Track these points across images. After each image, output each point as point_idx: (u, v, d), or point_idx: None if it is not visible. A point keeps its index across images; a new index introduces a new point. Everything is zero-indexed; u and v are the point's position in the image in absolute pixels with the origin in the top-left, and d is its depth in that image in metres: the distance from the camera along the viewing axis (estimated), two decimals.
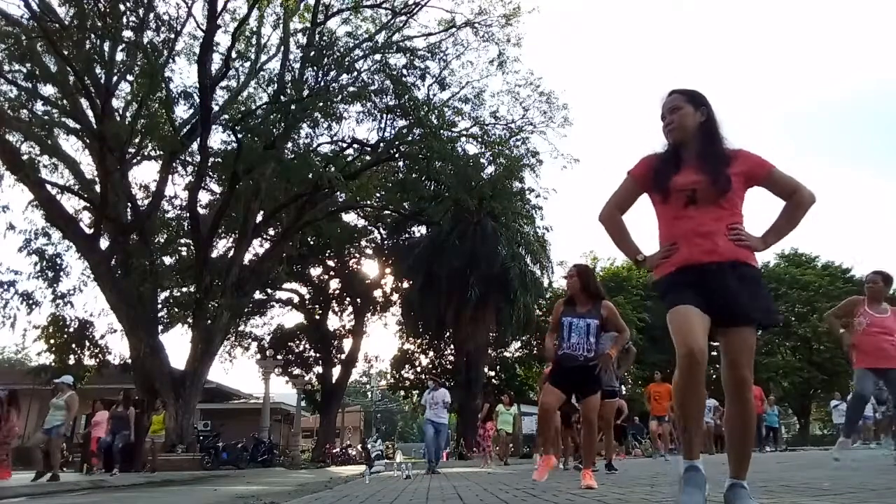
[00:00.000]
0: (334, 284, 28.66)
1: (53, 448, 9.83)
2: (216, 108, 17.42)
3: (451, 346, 27.55)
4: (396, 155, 20.69)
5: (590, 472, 4.24)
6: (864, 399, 5.92)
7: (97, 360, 17.29)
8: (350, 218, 25.69)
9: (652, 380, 13.03)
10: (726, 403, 2.29)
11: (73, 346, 16.96)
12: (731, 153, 2.40)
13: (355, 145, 20.44)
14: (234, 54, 17.60)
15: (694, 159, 2.40)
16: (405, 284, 26.95)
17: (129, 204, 17.11)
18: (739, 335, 2.23)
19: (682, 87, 2.53)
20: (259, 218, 19.17)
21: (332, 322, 28.61)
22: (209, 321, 16.74)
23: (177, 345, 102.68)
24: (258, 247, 21.70)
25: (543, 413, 4.92)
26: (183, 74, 70.82)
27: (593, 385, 4.62)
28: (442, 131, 19.22)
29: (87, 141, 16.59)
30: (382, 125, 19.74)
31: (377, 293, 28.37)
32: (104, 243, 16.83)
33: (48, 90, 16.55)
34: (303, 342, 28.64)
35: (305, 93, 17.40)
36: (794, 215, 2.39)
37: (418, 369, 30.89)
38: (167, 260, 19.01)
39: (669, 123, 2.46)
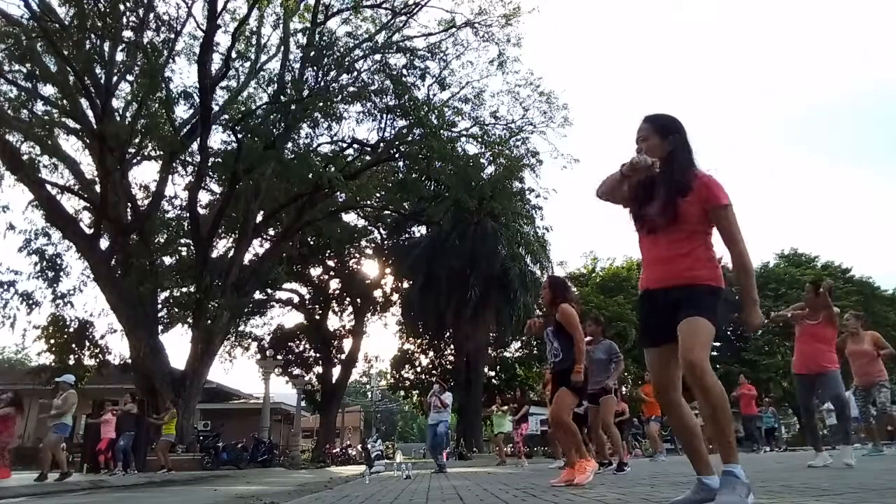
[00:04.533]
0: (334, 284, 28.70)
1: (49, 448, 9.79)
2: (216, 108, 17.42)
3: (451, 346, 27.56)
4: (396, 155, 20.70)
5: (570, 469, 4.37)
6: (804, 409, 6.11)
7: (97, 360, 17.29)
8: (350, 218, 25.74)
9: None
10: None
11: (73, 346, 16.96)
12: (692, 181, 2.41)
13: (355, 145, 20.47)
14: (234, 54, 17.63)
15: (660, 188, 2.48)
16: (405, 284, 26.96)
17: (129, 204, 17.12)
18: (684, 325, 2.28)
19: (653, 115, 2.57)
20: (259, 218, 19.18)
21: (332, 322, 28.67)
22: (209, 321, 16.74)
23: (177, 345, 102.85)
24: (258, 247, 21.74)
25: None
26: (183, 74, 71.29)
27: (562, 386, 4.71)
28: (442, 131, 19.23)
29: (87, 141, 16.59)
30: (382, 125, 19.80)
31: (377, 293, 28.39)
32: (104, 243, 16.84)
33: (48, 90, 16.57)
34: (303, 342, 28.64)
35: (305, 93, 17.41)
36: (741, 282, 2.42)
37: (418, 369, 30.90)
38: (167, 260, 19.00)
39: (638, 153, 2.49)
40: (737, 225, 2.40)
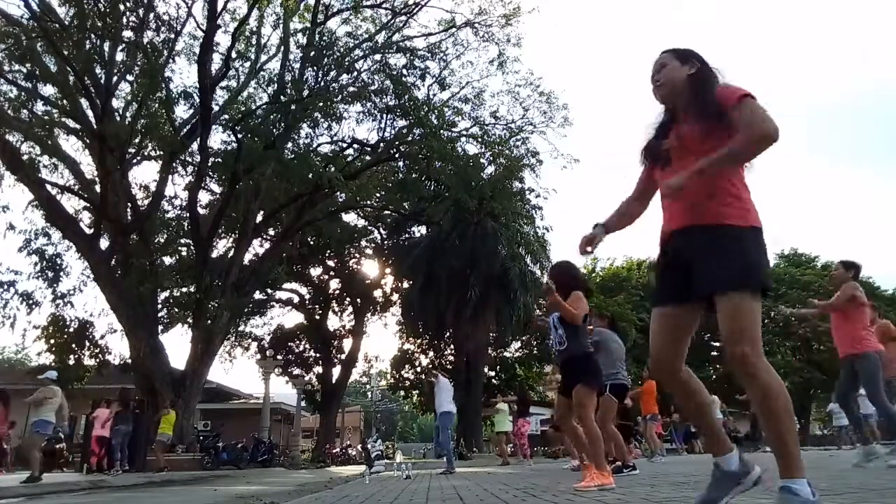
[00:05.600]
0: (334, 284, 28.69)
1: (30, 447, 9.69)
2: (216, 108, 17.42)
3: (451, 346, 27.55)
4: (396, 155, 20.70)
5: (592, 473, 3.99)
6: (842, 404, 5.75)
7: (97, 360, 17.29)
8: (350, 218, 25.73)
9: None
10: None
11: (73, 346, 16.96)
12: (720, 95, 2.05)
13: (355, 145, 20.47)
14: (234, 54, 17.63)
15: (683, 115, 2.17)
16: (405, 284, 26.94)
17: (129, 204, 17.12)
18: (723, 305, 1.91)
19: (672, 47, 2.31)
20: (259, 218, 19.17)
21: (332, 322, 28.66)
22: (209, 321, 16.73)
23: (177, 345, 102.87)
24: (258, 247, 21.74)
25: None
26: (183, 74, 71.36)
27: (572, 378, 4.30)
28: (442, 131, 19.22)
29: (87, 141, 16.59)
30: (382, 125, 19.81)
31: (377, 293, 28.38)
32: (104, 243, 16.84)
33: (48, 90, 16.57)
34: (303, 342, 28.64)
35: (305, 93, 17.41)
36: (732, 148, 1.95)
37: (418, 369, 30.89)
38: (167, 260, 19.01)
39: (657, 81, 2.24)
40: (760, 113, 1.92)
